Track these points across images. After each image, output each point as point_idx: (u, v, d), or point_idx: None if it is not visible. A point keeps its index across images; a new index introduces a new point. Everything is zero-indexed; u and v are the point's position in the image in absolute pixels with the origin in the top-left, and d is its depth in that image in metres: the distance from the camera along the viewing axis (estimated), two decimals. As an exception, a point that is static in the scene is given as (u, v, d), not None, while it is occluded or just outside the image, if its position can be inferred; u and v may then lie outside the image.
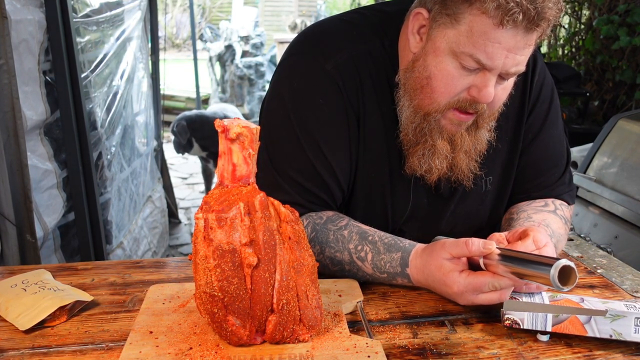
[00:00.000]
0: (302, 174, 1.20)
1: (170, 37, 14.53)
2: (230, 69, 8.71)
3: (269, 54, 9.21)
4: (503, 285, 1.00)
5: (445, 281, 1.05)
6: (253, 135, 0.88)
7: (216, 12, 14.86)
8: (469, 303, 1.05)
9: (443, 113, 1.14)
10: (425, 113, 1.15)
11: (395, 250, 1.13)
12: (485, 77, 1.07)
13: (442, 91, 1.11)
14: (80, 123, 2.46)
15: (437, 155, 1.17)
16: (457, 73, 1.08)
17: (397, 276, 1.13)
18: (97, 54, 2.85)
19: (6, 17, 1.88)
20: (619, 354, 0.95)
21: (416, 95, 1.15)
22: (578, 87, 4.63)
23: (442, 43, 1.08)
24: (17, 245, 1.99)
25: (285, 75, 1.25)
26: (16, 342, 0.96)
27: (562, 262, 0.88)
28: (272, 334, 0.90)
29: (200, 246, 0.86)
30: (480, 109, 1.13)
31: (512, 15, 0.99)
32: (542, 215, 1.28)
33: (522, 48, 1.05)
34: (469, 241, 1.02)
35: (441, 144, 1.17)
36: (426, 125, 1.15)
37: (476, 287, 1.02)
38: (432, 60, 1.10)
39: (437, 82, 1.10)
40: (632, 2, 4.55)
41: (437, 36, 1.09)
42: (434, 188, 1.29)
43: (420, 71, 1.13)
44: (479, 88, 1.08)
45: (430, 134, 1.16)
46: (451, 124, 1.15)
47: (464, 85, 1.10)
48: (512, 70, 1.07)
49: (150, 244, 3.70)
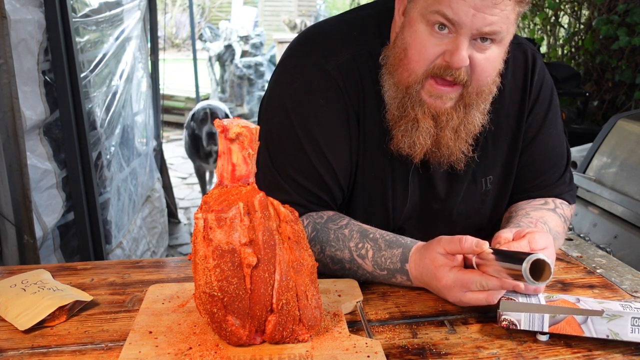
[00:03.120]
0: (302, 174, 1.20)
1: (169, 37, 14.53)
2: (229, 69, 8.71)
3: (269, 54, 9.21)
4: (491, 285, 0.99)
5: (435, 274, 1.05)
6: (252, 135, 0.88)
7: (216, 11, 14.86)
8: (456, 300, 1.04)
9: (422, 84, 1.14)
10: (405, 87, 1.15)
11: (396, 246, 1.13)
12: (458, 40, 1.08)
13: (417, 59, 1.11)
14: (80, 123, 2.46)
15: (420, 130, 1.17)
16: (429, 39, 1.10)
17: (396, 273, 1.13)
18: (96, 53, 2.85)
19: (5, 17, 1.88)
20: (619, 354, 0.95)
21: (395, 70, 1.16)
22: (577, 87, 4.64)
23: (414, 13, 1.11)
24: (16, 245, 1.99)
25: (285, 76, 1.25)
26: (15, 342, 0.96)
27: (535, 256, 0.88)
28: (271, 334, 0.90)
29: (200, 246, 0.86)
30: (458, 76, 1.11)
31: None
32: (540, 212, 1.28)
33: (491, 7, 1.04)
34: (462, 238, 1.02)
35: (423, 119, 1.16)
36: (408, 99, 1.16)
37: (464, 284, 1.01)
38: (407, 31, 1.13)
39: (412, 51, 1.12)
40: (632, 2, 4.55)
41: (412, 9, 1.12)
42: (432, 186, 1.29)
43: (399, 45, 1.15)
44: (451, 52, 1.08)
45: (412, 108, 1.16)
46: (430, 97, 1.14)
47: (437, 52, 1.10)
48: (485, 29, 1.07)
49: (149, 244, 3.70)
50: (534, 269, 0.88)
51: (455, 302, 1.06)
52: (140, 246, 3.47)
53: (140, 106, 3.76)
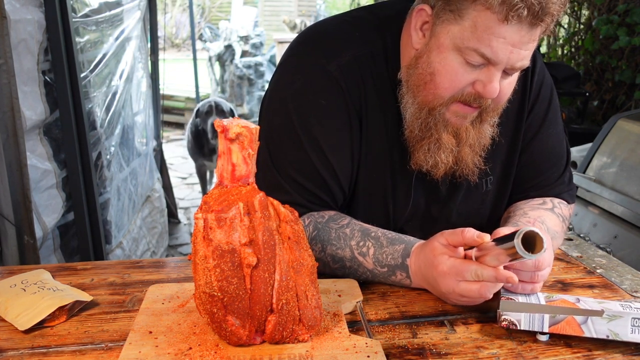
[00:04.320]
0: (303, 174, 1.20)
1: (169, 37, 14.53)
2: (229, 69, 8.70)
3: (269, 54, 9.21)
4: (485, 275, 0.98)
5: (433, 261, 1.05)
6: (252, 135, 0.88)
7: (216, 11, 14.86)
8: (449, 290, 1.03)
9: (447, 106, 1.13)
10: (430, 108, 1.15)
11: (399, 242, 1.14)
12: (490, 73, 1.08)
13: (447, 87, 1.11)
14: (80, 123, 2.46)
15: (442, 149, 1.17)
16: (462, 69, 1.08)
17: (396, 269, 1.13)
18: (96, 53, 2.85)
19: (5, 17, 1.88)
20: (619, 354, 0.95)
21: (420, 91, 1.15)
22: (577, 87, 4.64)
23: (445, 39, 1.08)
24: (16, 245, 1.99)
25: (286, 76, 1.24)
26: (15, 342, 0.96)
27: (525, 229, 0.88)
28: (271, 334, 0.90)
29: (200, 246, 0.86)
30: (484, 103, 1.13)
31: (517, 11, 0.99)
32: (538, 212, 1.29)
33: (527, 43, 1.05)
34: (464, 230, 1.03)
35: (446, 138, 1.16)
36: (431, 119, 1.15)
37: (459, 272, 1.01)
38: (435, 56, 1.10)
39: (441, 78, 1.10)
40: (632, 2, 4.55)
41: (440, 32, 1.09)
42: (435, 188, 1.29)
43: (424, 67, 1.12)
44: (484, 83, 1.08)
45: (436, 128, 1.16)
46: (455, 117, 1.15)
47: (469, 81, 1.10)
48: (518, 65, 1.07)
49: (149, 244, 3.70)
50: (528, 244, 0.89)
51: (448, 294, 1.04)
52: (140, 246, 3.47)
53: (140, 106, 3.76)
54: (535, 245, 0.89)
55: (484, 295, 1.00)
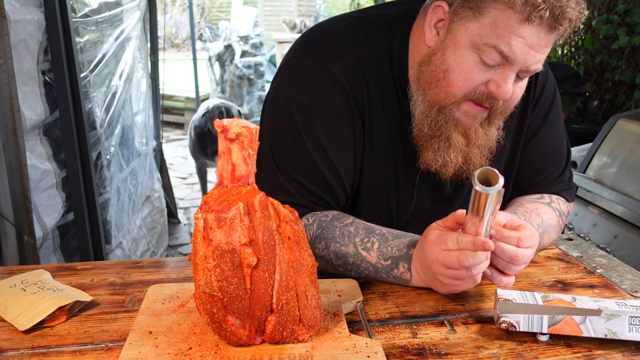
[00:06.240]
0: (306, 175, 1.20)
1: (169, 37, 14.53)
2: (229, 69, 8.70)
3: (269, 54, 9.21)
4: (464, 241, 1.00)
5: (425, 235, 1.08)
6: (252, 135, 0.87)
7: (215, 12, 14.86)
8: (434, 258, 1.04)
9: (459, 105, 1.13)
10: (440, 106, 1.14)
11: (405, 236, 1.16)
12: (505, 73, 1.07)
13: (460, 85, 1.10)
14: (80, 123, 2.46)
15: (452, 148, 1.17)
16: (477, 67, 1.08)
17: (400, 260, 1.13)
18: (96, 53, 2.85)
19: (5, 17, 1.88)
20: (619, 354, 0.95)
21: (431, 89, 1.14)
22: (577, 87, 4.64)
23: (463, 36, 1.08)
24: (16, 245, 1.99)
25: (289, 77, 1.24)
26: (15, 342, 0.96)
27: (482, 168, 0.95)
28: (271, 334, 0.90)
29: (200, 246, 0.86)
30: (495, 104, 1.13)
31: (540, 12, 0.99)
32: (535, 204, 1.30)
33: (543, 46, 1.05)
34: (457, 211, 1.07)
35: (456, 137, 1.16)
36: (442, 118, 1.15)
37: (443, 240, 1.03)
38: (451, 53, 1.10)
39: (455, 76, 1.10)
40: (632, 2, 4.55)
41: (458, 29, 1.09)
42: (438, 188, 1.29)
43: (438, 64, 1.12)
44: (498, 84, 1.08)
45: (446, 127, 1.16)
46: (466, 117, 1.15)
47: (482, 80, 1.09)
48: (532, 67, 1.07)
49: (149, 244, 3.70)
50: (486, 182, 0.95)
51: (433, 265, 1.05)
52: (140, 246, 3.47)
53: (140, 106, 3.76)
54: (491, 180, 0.95)
55: (462, 263, 1.00)
